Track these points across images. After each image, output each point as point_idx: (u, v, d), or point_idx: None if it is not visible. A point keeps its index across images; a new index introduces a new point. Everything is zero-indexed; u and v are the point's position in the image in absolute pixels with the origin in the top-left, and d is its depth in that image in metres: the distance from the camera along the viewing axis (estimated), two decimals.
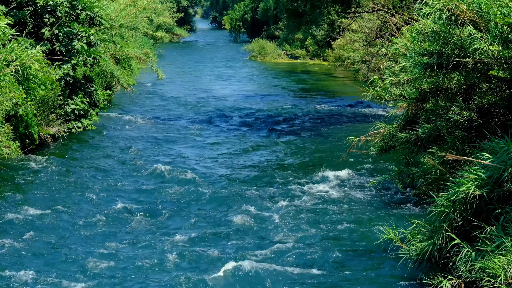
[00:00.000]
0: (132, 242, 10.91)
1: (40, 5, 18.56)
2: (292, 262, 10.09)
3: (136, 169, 15.68)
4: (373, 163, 16.00)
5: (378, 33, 24.82)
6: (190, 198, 13.38)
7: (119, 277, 9.54)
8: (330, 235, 11.29)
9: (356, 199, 13.44)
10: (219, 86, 34.29)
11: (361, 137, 13.18)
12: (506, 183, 8.13)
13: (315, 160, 17.09)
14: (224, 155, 17.96)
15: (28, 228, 11.29)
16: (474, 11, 9.28)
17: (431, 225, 8.96)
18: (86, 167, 15.80)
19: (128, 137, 19.96)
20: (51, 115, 18.10)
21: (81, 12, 19.70)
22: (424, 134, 11.36)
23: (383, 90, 12.55)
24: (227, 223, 11.92)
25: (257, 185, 14.58)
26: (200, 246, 10.73)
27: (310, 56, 49.80)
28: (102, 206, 12.84)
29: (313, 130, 21.73)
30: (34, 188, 13.76)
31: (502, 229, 7.91)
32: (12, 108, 15.30)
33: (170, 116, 24.34)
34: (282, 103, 28.07)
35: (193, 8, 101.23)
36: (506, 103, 10.28)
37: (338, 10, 30.26)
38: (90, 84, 20.78)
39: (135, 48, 27.83)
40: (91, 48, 19.81)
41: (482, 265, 7.67)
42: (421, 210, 12.28)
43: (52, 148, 17.65)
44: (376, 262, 10.17)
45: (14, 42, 15.69)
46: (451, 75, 10.91)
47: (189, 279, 9.31)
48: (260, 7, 68.79)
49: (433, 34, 9.77)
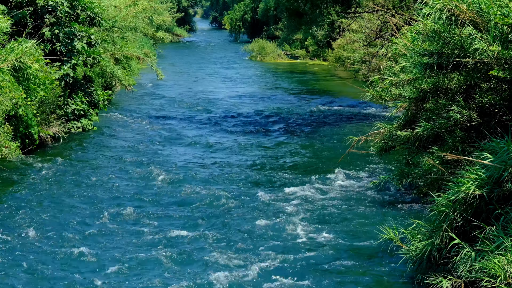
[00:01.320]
0: (132, 242, 10.91)
1: (40, 5, 18.56)
2: (291, 262, 10.09)
3: (136, 169, 15.67)
4: (373, 163, 16.00)
5: (378, 33, 24.81)
6: (190, 198, 13.38)
7: (119, 277, 9.54)
8: (330, 235, 11.29)
9: (356, 199, 13.44)
10: (219, 86, 34.29)
11: (361, 137, 13.19)
12: (506, 183, 8.13)
13: (314, 160, 17.09)
14: (223, 155, 17.95)
15: (28, 228, 11.28)
16: (474, 11, 9.28)
17: (431, 225, 8.96)
18: (86, 167, 15.79)
19: (128, 137, 19.96)
20: (51, 115, 18.10)
21: (81, 12, 19.70)
22: (424, 133, 11.35)
23: (383, 90, 12.56)
24: (227, 223, 11.92)
25: (256, 185, 14.58)
26: (199, 246, 10.73)
27: (310, 56, 49.80)
28: (102, 206, 12.83)
29: (313, 130, 21.73)
30: (34, 188, 13.76)
31: (502, 229, 7.90)
32: (12, 108, 15.30)
33: (170, 116, 24.34)
34: (282, 103, 28.07)
35: (193, 8, 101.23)
36: (506, 103, 10.29)
37: (338, 10, 30.27)
38: (90, 84, 20.78)
39: (135, 48, 27.83)
40: (91, 48, 19.81)
41: (482, 265, 7.67)
42: (421, 210, 12.27)
43: (52, 149, 17.65)
44: (376, 262, 10.17)
45: (14, 42, 15.70)
46: (451, 75, 10.92)
47: (189, 279, 9.31)
48: (260, 7, 68.80)
49: (433, 34, 9.78)
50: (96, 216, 12.15)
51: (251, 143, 19.46)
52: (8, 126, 15.76)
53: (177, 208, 12.83)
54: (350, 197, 13.54)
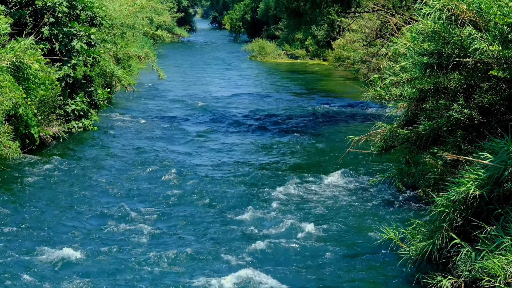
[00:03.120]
0: (131, 241, 10.91)
1: (39, 5, 18.56)
2: (291, 261, 10.09)
3: (136, 169, 15.68)
4: (373, 163, 16.00)
5: (378, 33, 24.81)
6: (190, 198, 13.38)
7: (120, 276, 9.53)
8: (330, 235, 11.29)
9: (356, 199, 13.44)
10: (218, 86, 34.29)
11: (361, 136, 13.18)
12: (506, 183, 8.13)
13: (315, 160, 17.09)
14: (223, 154, 17.96)
15: (27, 227, 11.29)
16: (474, 11, 9.28)
17: (431, 225, 8.96)
18: (86, 167, 15.79)
19: (128, 137, 19.96)
20: (51, 115, 18.10)
21: (81, 12, 19.70)
22: (425, 132, 11.34)
23: (383, 90, 12.55)
24: (227, 223, 11.92)
25: (257, 185, 14.58)
26: (199, 246, 10.73)
27: (310, 56, 49.79)
28: (102, 205, 12.84)
29: (313, 130, 21.73)
30: (34, 188, 13.76)
31: (502, 229, 7.91)
32: (12, 108, 15.30)
33: (170, 115, 24.33)
34: (282, 103, 28.07)
35: (193, 8, 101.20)
36: (506, 102, 10.29)
37: (338, 10, 30.26)
38: (90, 84, 20.79)
39: (135, 48, 27.84)
40: (91, 48, 19.81)
41: (482, 265, 7.67)
42: (421, 210, 12.27)
43: (52, 148, 17.65)
44: (376, 262, 10.17)
45: (14, 42, 15.70)
46: (451, 75, 10.92)
47: (189, 280, 9.31)
48: (260, 7, 68.77)
49: (433, 34, 9.78)
50: (96, 216, 12.15)
51: (250, 143, 19.46)
52: (8, 126, 15.76)
53: (176, 208, 12.83)
54: (350, 197, 13.54)
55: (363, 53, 29.72)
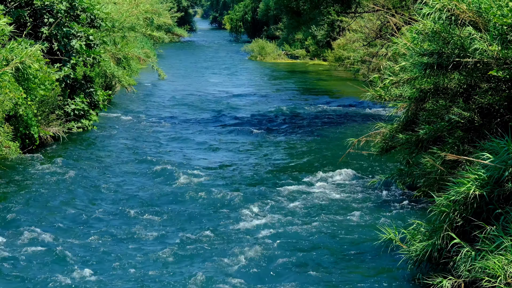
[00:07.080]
0: (131, 241, 10.91)
1: (38, 6, 18.55)
2: (291, 261, 10.09)
3: (136, 169, 15.68)
4: (373, 163, 16.00)
5: (378, 33, 24.79)
6: (190, 199, 13.38)
7: (120, 276, 9.54)
8: (330, 235, 11.29)
9: (356, 199, 13.44)
10: (218, 86, 34.28)
11: (361, 137, 13.19)
12: (507, 183, 8.13)
13: (315, 160, 17.09)
14: (223, 155, 17.96)
15: (27, 227, 11.28)
16: (474, 11, 9.28)
17: (431, 225, 8.97)
18: (86, 167, 15.80)
19: (128, 137, 19.96)
20: (51, 115, 18.10)
21: (81, 13, 19.69)
22: (425, 136, 11.36)
23: (383, 89, 12.55)
24: (227, 223, 11.92)
25: (257, 185, 14.58)
26: (199, 246, 10.73)
27: (310, 56, 49.78)
28: (102, 205, 12.84)
29: (313, 130, 21.72)
30: (34, 188, 13.76)
31: (502, 229, 7.91)
32: (12, 108, 15.30)
33: (170, 116, 24.34)
34: (282, 103, 28.06)
35: (193, 8, 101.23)
36: (506, 103, 10.29)
37: (338, 10, 30.26)
38: (90, 84, 20.79)
39: (135, 48, 27.83)
40: (90, 49, 19.80)
41: (482, 265, 7.67)
42: (421, 210, 12.27)
43: (52, 148, 17.65)
44: (376, 262, 10.17)
45: (14, 42, 15.70)
46: (451, 75, 10.91)
47: (189, 279, 9.31)
48: (260, 7, 68.76)
49: (433, 34, 9.78)
50: (96, 216, 12.15)
51: (250, 143, 19.46)
52: (8, 126, 15.76)
53: (176, 208, 12.83)
54: (350, 197, 13.54)
55: (363, 53, 29.71)
